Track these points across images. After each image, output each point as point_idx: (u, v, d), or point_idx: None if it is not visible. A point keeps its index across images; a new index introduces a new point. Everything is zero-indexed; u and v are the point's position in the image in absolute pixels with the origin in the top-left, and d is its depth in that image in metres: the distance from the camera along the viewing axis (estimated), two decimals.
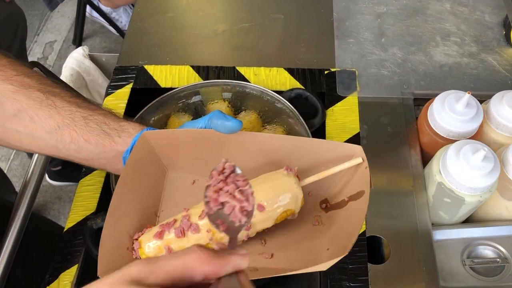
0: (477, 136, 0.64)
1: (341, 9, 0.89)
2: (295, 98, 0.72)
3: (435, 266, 0.59)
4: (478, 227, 0.65)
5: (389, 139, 0.71)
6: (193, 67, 0.80)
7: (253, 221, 0.50)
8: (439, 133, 0.64)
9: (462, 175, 0.56)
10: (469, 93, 0.61)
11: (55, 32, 2.10)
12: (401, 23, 0.87)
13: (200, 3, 0.91)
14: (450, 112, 0.62)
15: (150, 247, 0.51)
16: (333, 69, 0.79)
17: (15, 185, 1.33)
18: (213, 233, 0.49)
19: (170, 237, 0.50)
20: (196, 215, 0.50)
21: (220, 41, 0.85)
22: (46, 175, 1.59)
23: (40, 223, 0.89)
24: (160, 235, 0.50)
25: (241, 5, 0.91)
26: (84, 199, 0.66)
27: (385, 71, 0.79)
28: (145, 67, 0.80)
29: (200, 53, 0.83)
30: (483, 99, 0.68)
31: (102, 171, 0.68)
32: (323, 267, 0.44)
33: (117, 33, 1.94)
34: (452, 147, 0.58)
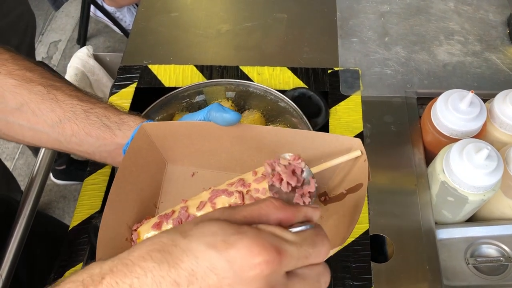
0: (481, 135, 0.64)
1: (345, 8, 0.89)
2: (298, 97, 0.72)
3: (438, 265, 0.59)
4: (481, 226, 0.65)
5: (392, 138, 0.71)
6: (196, 66, 0.80)
7: None
8: (442, 132, 0.64)
9: (465, 174, 0.56)
10: (472, 92, 0.61)
11: (59, 31, 2.11)
12: (405, 22, 0.87)
13: (203, 2, 0.92)
14: (453, 111, 0.62)
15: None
16: (336, 68, 0.79)
17: (20, 184, 1.34)
18: None
19: (168, 228, 0.50)
20: (194, 206, 0.50)
21: (223, 40, 0.85)
22: (50, 174, 1.60)
23: (45, 222, 0.89)
24: (158, 226, 0.50)
25: (245, 5, 0.91)
26: (88, 198, 0.66)
27: (389, 70, 0.79)
28: (149, 66, 0.80)
29: (203, 52, 0.83)
30: (486, 98, 0.68)
31: (105, 172, 0.68)
32: None
33: (121, 33, 1.95)
34: (455, 146, 0.58)
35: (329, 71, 0.78)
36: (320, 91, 0.75)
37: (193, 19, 0.89)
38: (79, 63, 1.08)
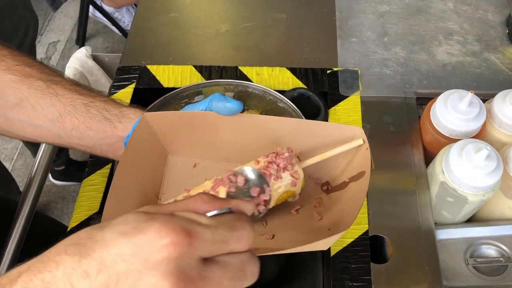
0: (480, 135, 0.64)
1: (344, 8, 0.89)
2: (297, 97, 0.72)
3: (438, 265, 0.59)
4: (481, 226, 0.65)
5: (391, 138, 0.71)
6: (195, 67, 0.80)
7: None
8: (442, 132, 0.64)
9: (465, 174, 0.56)
10: (472, 92, 0.60)
11: (58, 32, 2.10)
12: (404, 22, 0.87)
13: (202, 3, 0.92)
14: (453, 111, 0.62)
15: None
16: (335, 69, 0.79)
17: (19, 185, 1.34)
18: None
19: None
20: None
21: (222, 40, 0.85)
22: (49, 175, 1.60)
23: (44, 222, 0.89)
24: None
25: (244, 5, 0.91)
26: (87, 198, 0.66)
27: (388, 70, 0.79)
28: (148, 67, 0.80)
29: (202, 53, 0.83)
30: (486, 98, 0.68)
31: (104, 173, 0.68)
32: (323, 245, 0.43)
33: (120, 33, 1.94)
34: (455, 146, 0.58)
35: (328, 71, 0.78)
36: (319, 91, 0.75)
37: (192, 19, 0.89)
38: (78, 64, 1.08)
